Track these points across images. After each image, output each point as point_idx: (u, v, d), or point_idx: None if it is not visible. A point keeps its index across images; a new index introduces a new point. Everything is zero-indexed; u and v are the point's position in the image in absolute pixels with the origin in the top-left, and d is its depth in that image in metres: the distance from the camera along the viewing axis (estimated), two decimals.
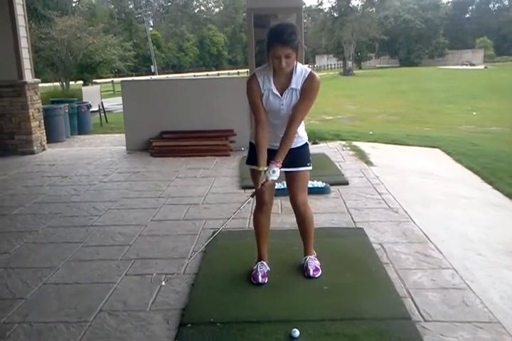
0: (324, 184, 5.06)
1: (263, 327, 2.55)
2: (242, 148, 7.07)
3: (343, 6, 55.09)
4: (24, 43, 7.70)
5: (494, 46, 72.95)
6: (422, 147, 8.21)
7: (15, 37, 7.51)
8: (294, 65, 2.78)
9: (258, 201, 3.10)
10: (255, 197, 3.08)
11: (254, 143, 3.02)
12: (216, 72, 45.88)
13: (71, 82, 24.18)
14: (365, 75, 46.65)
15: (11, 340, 2.54)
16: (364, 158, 6.76)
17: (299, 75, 2.81)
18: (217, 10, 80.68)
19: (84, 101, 12.02)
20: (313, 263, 3.14)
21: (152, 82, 11.49)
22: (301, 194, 3.06)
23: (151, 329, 2.60)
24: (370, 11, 58.21)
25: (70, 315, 2.76)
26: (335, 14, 56.48)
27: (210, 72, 47.15)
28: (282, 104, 2.85)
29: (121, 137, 8.99)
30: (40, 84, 8.35)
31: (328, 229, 3.95)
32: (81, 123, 11.01)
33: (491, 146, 8.89)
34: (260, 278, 3.02)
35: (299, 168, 3.01)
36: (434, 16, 67.09)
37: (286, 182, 3.13)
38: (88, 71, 25.11)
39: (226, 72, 45.87)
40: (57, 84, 23.02)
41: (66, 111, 9.96)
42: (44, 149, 8.16)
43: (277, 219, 4.08)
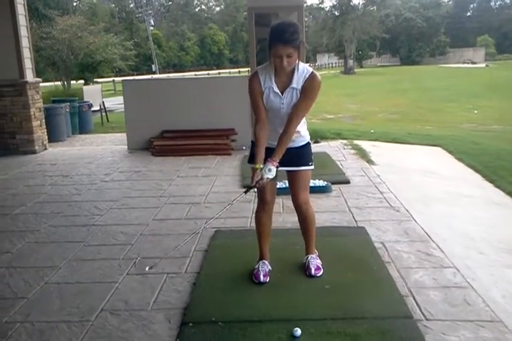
0: (325, 183, 5.06)
1: (265, 326, 2.55)
2: (244, 147, 7.08)
3: (344, 5, 55.13)
4: (25, 43, 7.71)
5: (495, 44, 72.87)
6: (423, 145, 8.19)
7: (16, 36, 7.52)
8: (296, 63, 2.76)
9: (260, 200, 3.10)
10: (257, 196, 3.08)
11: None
12: (217, 71, 45.92)
13: (72, 82, 24.23)
14: (366, 74, 46.62)
15: (12, 340, 2.54)
16: (365, 156, 6.76)
17: (300, 74, 2.80)
18: (218, 9, 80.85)
19: (85, 100, 12.04)
20: (314, 262, 3.14)
21: (153, 82, 11.50)
22: (302, 193, 3.06)
23: (152, 328, 2.61)
24: (371, 9, 58.25)
25: (71, 315, 2.76)
26: (336, 13, 56.55)
27: (211, 71, 47.22)
28: (283, 102, 2.85)
29: (122, 136, 9.01)
30: (41, 84, 8.35)
31: (330, 228, 3.95)
32: (82, 122, 11.02)
33: (493, 145, 8.87)
34: (262, 277, 3.02)
35: (300, 167, 3.00)
36: (435, 14, 67.01)
37: (288, 182, 3.12)
38: (89, 70, 25.16)
39: (227, 71, 45.88)
40: (58, 83, 23.08)
41: (67, 110, 9.97)
42: (45, 148, 8.16)
43: (279, 218, 4.08)
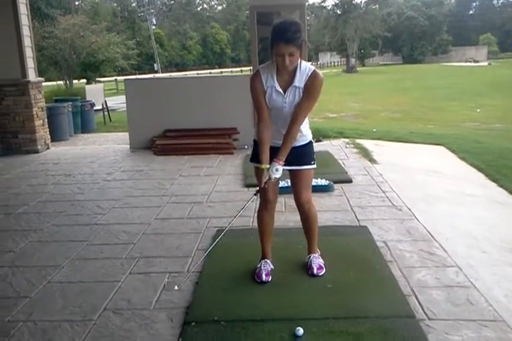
0: (328, 182, 5.05)
1: (267, 325, 2.55)
2: (246, 146, 7.07)
3: (347, 3, 55.05)
4: (27, 42, 7.72)
5: (498, 42, 72.70)
6: (426, 144, 8.18)
7: (18, 36, 7.52)
8: (298, 62, 2.76)
9: (262, 199, 3.10)
10: (259, 196, 3.08)
11: (258, 141, 3.03)
12: (219, 70, 45.93)
13: (74, 81, 24.25)
14: (368, 72, 46.56)
15: (15, 339, 2.55)
16: (368, 155, 6.75)
17: (302, 73, 2.79)
18: (220, 8, 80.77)
19: (87, 99, 12.03)
20: (317, 261, 3.14)
21: (155, 81, 11.51)
22: (305, 192, 3.06)
23: (155, 327, 2.61)
24: (374, 8, 58.17)
25: (74, 314, 2.77)
26: (338, 11, 56.45)
27: (213, 70, 47.23)
28: (285, 101, 2.84)
29: (124, 135, 9.01)
30: (43, 83, 8.36)
31: (332, 227, 3.94)
32: (84, 121, 11.02)
33: (496, 143, 8.85)
34: (264, 276, 3.02)
35: (303, 166, 3.00)
36: (438, 13, 66.84)
37: (290, 181, 3.12)
38: (91, 69, 25.19)
39: (229, 70, 45.90)
40: (60, 82, 23.07)
41: (70, 109, 9.96)
42: (48, 148, 8.17)
43: (281, 217, 4.08)
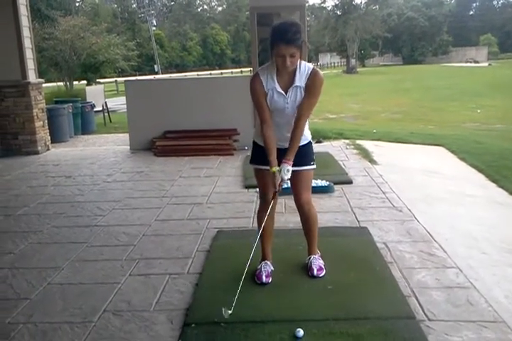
0: (328, 183, 5.05)
1: (267, 326, 2.55)
2: (246, 147, 7.07)
3: (347, 4, 55.05)
4: (28, 43, 7.72)
5: (498, 43, 72.70)
6: (425, 145, 8.18)
7: (18, 37, 7.53)
8: (298, 62, 2.77)
9: (262, 200, 3.10)
10: (259, 197, 3.09)
11: (257, 142, 3.03)
12: (219, 71, 45.95)
13: (75, 82, 24.27)
14: (368, 73, 46.57)
15: None
16: (368, 156, 6.75)
17: (302, 72, 2.81)
18: (220, 9, 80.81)
19: (87, 101, 12.02)
20: (317, 262, 3.14)
21: (155, 82, 11.51)
22: (305, 193, 3.06)
23: (155, 329, 2.61)
24: (374, 8, 58.18)
25: (74, 316, 2.77)
26: (338, 12, 56.46)
27: (213, 71, 47.28)
28: (287, 102, 2.84)
29: (124, 137, 9.02)
30: (43, 84, 8.36)
31: (332, 228, 3.94)
32: (85, 123, 11.02)
33: (496, 144, 8.85)
34: (264, 277, 3.01)
35: (302, 167, 3.00)
36: (438, 13, 66.87)
37: (289, 181, 3.12)
38: (92, 71, 25.20)
39: (229, 71, 45.91)
40: (60, 84, 23.08)
41: (70, 111, 9.96)
42: (48, 149, 8.18)
43: (281, 218, 4.08)
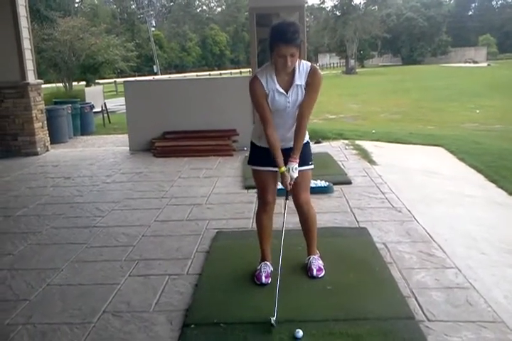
0: (327, 183, 5.06)
1: (266, 327, 2.54)
2: (245, 148, 7.07)
3: (346, 5, 55.06)
4: (27, 44, 7.73)
5: (497, 43, 72.70)
6: (425, 145, 8.18)
7: (17, 38, 7.53)
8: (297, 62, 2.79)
9: (261, 201, 3.10)
10: (258, 198, 3.09)
11: (255, 143, 3.03)
12: (218, 72, 45.97)
13: (74, 83, 24.22)
14: (367, 74, 46.58)
15: None
16: (367, 157, 6.75)
17: (301, 71, 2.82)
18: (219, 9, 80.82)
19: (87, 101, 12.03)
20: (316, 263, 3.14)
21: (155, 83, 11.50)
22: (303, 193, 3.06)
23: (154, 330, 2.61)
24: (373, 9, 58.18)
25: (73, 317, 2.77)
26: (337, 13, 56.48)
27: (212, 72, 47.28)
28: (288, 101, 2.85)
29: (124, 137, 9.01)
30: (43, 85, 8.37)
31: (332, 228, 3.94)
32: (84, 123, 11.02)
33: (495, 144, 8.85)
34: (264, 278, 3.02)
35: (301, 167, 2.99)
36: (437, 14, 66.89)
37: None
38: (91, 71, 25.15)
39: (228, 71, 45.95)
40: (60, 84, 23.06)
41: (69, 111, 9.97)
42: (47, 150, 8.18)
43: (280, 218, 4.03)
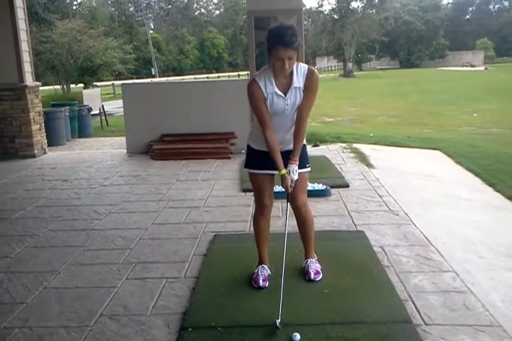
0: (325, 186, 5.06)
1: (264, 331, 2.54)
2: (243, 151, 6.98)
3: (344, 8, 55.12)
4: (25, 47, 7.72)
5: (494, 47, 72.89)
6: (422, 149, 8.20)
7: (16, 40, 7.53)
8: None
9: (258, 204, 3.10)
10: (255, 201, 3.10)
11: (252, 146, 3.04)
12: (216, 75, 45.99)
13: (72, 85, 24.25)
14: (365, 77, 46.69)
15: None
16: (364, 160, 6.76)
17: (299, 73, 2.83)
18: (217, 12, 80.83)
19: (84, 104, 12.04)
20: (314, 266, 3.14)
21: (153, 85, 11.51)
22: (301, 195, 3.06)
23: (151, 333, 2.60)
24: (371, 12, 58.19)
25: (70, 320, 2.76)
26: (335, 16, 56.53)
27: (210, 75, 47.31)
28: (287, 104, 2.85)
29: (121, 140, 9.01)
30: (40, 88, 8.36)
31: (329, 232, 3.94)
32: (82, 126, 11.02)
33: (492, 148, 8.88)
34: (261, 281, 3.01)
35: (298, 170, 2.99)
36: (435, 17, 67.08)
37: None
38: (89, 74, 25.19)
39: (226, 74, 45.99)
40: (57, 87, 23.09)
41: (67, 114, 9.96)
42: (45, 152, 8.16)
43: (278, 222, 4.06)
